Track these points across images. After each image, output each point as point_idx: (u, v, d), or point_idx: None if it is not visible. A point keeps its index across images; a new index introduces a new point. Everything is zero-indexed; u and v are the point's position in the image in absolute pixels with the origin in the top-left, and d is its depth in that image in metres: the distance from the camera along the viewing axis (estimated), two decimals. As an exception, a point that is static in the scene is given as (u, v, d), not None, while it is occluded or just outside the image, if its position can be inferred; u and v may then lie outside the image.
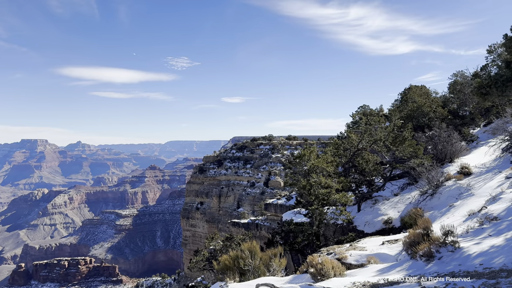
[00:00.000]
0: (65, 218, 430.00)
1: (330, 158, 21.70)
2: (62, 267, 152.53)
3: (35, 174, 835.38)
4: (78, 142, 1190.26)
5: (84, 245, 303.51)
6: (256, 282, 10.66)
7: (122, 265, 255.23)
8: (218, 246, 21.35)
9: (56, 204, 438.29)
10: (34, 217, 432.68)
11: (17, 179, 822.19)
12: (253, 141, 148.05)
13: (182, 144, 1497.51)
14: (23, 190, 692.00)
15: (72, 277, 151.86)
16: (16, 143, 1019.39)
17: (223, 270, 13.00)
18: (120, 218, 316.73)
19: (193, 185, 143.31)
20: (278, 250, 13.51)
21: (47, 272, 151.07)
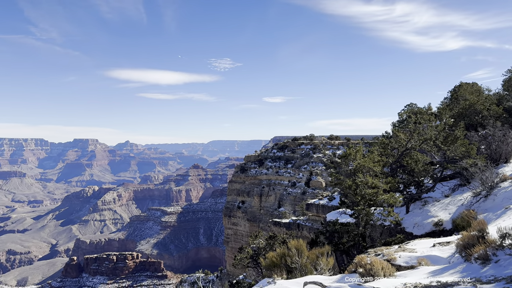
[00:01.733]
0: (114, 214, 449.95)
1: (377, 157, 21.24)
2: (111, 262, 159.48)
3: (87, 172, 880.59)
4: (127, 142, 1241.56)
5: (131, 240, 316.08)
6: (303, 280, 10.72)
7: (167, 261, 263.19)
8: (261, 244, 21.59)
9: (106, 200, 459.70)
10: (85, 213, 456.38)
11: (70, 176, 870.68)
12: (294, 141, 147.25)
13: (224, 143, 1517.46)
14: (75, 187, 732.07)
15: (120, 271, 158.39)
16: (69, 142, 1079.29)
17: (270, 266, 13.16)
18: (165, 215, 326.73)
19: (234, 184, 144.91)
20: (325, 249, 13.49)
21: (97, 266, 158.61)
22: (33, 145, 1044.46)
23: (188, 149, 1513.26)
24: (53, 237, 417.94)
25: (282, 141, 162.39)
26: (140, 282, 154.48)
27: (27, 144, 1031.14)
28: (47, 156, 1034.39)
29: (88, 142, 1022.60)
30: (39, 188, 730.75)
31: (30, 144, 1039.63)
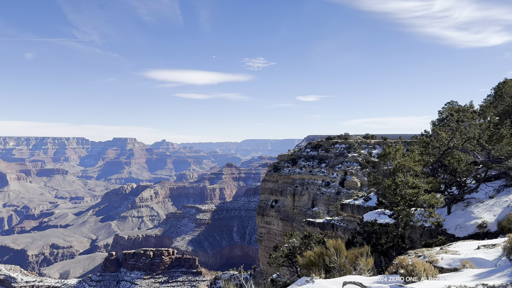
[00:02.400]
0: (151, 211, 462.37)
1: (418, 156, 20.63)
2: (148, 257, 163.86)
3: (125, 169, 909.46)
4: (163, 141, 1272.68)
5: (167, 237, 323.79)
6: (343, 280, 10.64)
7: (201, 258, 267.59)
8: (296, 243, 21.54)
9: (143, 198, 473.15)
10: (123, 210, 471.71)
11: (109, 174, 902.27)
12: (328, 140, 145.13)
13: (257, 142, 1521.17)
14: (114, 184, 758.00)
15: (156, 266, 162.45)
16: (109, 141, 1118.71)
17: (308, 265, 13.14)
18: (200, 213, 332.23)
19: (267, 183, 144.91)
20: (365, 250, 13.30)
21: (134, 261, 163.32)
22: (75, 144, 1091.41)
23: (222, 148, 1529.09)
24: (93, 232, 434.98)
25: (316, 140, 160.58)
26: (175, 278, 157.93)
27: (69, 143, 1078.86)
28: (88, 155, 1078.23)
29: (126, 141, 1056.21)
30: (81, 185, 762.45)
31: (72, 143, 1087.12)
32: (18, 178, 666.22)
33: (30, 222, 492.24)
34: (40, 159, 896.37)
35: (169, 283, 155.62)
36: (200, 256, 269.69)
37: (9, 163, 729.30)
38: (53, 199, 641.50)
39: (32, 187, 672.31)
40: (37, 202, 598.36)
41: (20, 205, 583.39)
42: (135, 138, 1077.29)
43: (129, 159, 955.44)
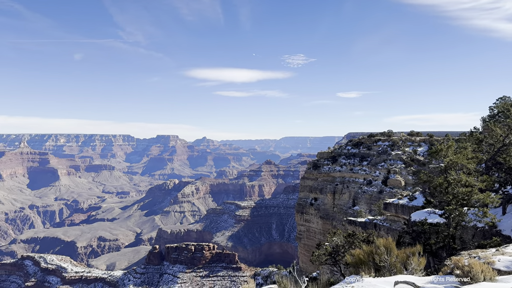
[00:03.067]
0: (192, 207, 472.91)
1: (470, 154, 19.61)
2: (189, 251, 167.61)
3: (168, 166, 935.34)
4: (204, 138, 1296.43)
5: (208, 232, 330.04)
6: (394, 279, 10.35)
7: (241, 254, 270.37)
8: (340, 242, 21.20)
9: (185, 193, 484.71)
10: (166, 204, 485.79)
11: (153, 170, 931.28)
12: (370, 137, 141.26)
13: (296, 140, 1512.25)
14: (158, 180, 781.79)
15: (197, 261, 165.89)
16: (153, 138, 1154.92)
17: (356, 264, 12.92)
18: (239, 209, 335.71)
19: (307, 181, 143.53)
20: (417, 249, 12.87)
21: (176, 255, 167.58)
22: (121, 141, 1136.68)
23: (261, 145, 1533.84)
24: (138, 226, 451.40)
25: (357, 138, 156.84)
26: (216, 273, 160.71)
27: (116, 139, 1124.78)
28: (133, 151, 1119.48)
29: (169, 138, 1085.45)
30: (126, 180, 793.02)
31: (119, 140, 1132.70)
32: (68, 174, 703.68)
33: (79, 215, 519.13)
34: (88, 155, 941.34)
35: (209, 277, 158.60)
36: (240, 252, 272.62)
37: (60, 159, 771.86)
38: (100, 193, 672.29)
39: (81, 182, 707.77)
40: (85, 196, 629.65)
41: (70, 199, 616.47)
42: (177, 136, 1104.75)
43: (171, 156, 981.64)
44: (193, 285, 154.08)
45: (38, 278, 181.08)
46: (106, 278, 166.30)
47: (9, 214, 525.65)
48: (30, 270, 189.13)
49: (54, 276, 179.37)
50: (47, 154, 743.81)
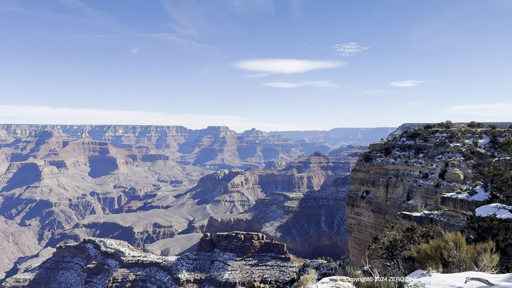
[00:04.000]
0: (242, 197, 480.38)
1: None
2: (239, 240, 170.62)
3: (218, 156, 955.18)
4: (253, 129, 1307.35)
5: (257, 222, 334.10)
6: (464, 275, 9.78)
7: (289, 244, 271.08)
8: (398, 236, 20.49)
9: (235, 183, 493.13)
10: (217, 194, 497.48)
11: (204, 160, 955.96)
12: (427, 128, 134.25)
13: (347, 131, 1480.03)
14: (209, 170, 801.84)
15: (247, 249, 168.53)
16: (204, 129, 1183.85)
17: (422, 259, 12.48)
18: (288, 200, 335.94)
19: (358, 173, 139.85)
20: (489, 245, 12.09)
21: (227, 243, 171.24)
22: (174, 132, 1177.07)
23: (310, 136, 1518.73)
24: (190, 214, 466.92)
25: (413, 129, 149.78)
26: (265, 262, 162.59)
27: (170, 131, 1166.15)
28: (186, 142, 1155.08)
29: (220, 129, 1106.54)
30: (179, 170, 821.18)
31: (172, 131, 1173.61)
32: (126, 163, 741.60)
33: (136, 202, 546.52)
34: (144, 146, 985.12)
35: (258, 266, 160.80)
36: (288, 242, 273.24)
37: (118, 148, 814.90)
38: (155, 182, 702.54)
39: (138, 171, 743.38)
40: (142, 184, 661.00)
41: (128, 186, 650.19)
42: (227, 127, 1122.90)
43: (222, 147, 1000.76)
44: (242, 273, 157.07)
45: (98, 260, 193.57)
46: (161, 263, 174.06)
47: (73, 200, 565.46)
48: (91, 253, 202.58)
49: (113, 259, 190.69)
50: (106, 144, 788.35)
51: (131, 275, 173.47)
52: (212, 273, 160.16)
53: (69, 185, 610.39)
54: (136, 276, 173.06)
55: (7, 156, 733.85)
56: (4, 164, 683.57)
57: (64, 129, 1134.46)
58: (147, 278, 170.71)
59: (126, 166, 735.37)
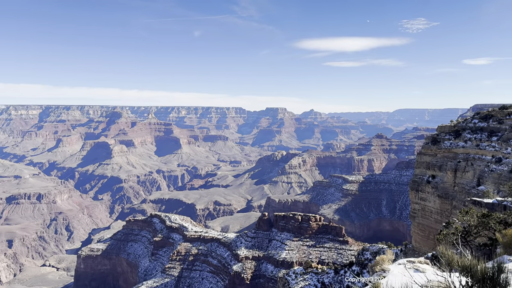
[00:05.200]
0: (299, 178, 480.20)
1: None
2: (296, 221, 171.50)
3: (276, 138, 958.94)
4: (311, 110, 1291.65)
5: (314, 204, 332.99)
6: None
7: (348, 228, 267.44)
8: (473, 222, 19.38)
9: (292, 165, 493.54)
10: (274, 175, 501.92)
11: (262, 141, 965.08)
12: (502, 109, 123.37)
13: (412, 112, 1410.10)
14: (266, 151, 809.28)
15: (304, 230, 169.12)
16: (262, 111, 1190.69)
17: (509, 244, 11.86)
18: (347, 183, 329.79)
19: (424, 157, 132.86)
20: None
21: (284, 223, 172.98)
22: (233, 113, 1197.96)
23: (371, 118, 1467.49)
24: (249, 193, 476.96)
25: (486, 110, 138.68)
26: (322, 244, 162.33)
27: (229, 112, 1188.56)
28: (244, 123, 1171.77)
29: (277, 111, 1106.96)
30: (238, 150, 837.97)
31: (231, 112, 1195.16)
32: (188, 143, 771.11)
33: (198, 180, 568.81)
34: (205, 126, 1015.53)
35: (316, 247, 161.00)
36: (347, 226, 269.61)
37: (181, 129, 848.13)
38: (216, 162, 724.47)
39: (199, 151, 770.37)
40: (203, 164, 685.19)
41: (190, 165, 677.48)
42: (285, 108, 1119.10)
43: (279, 128, 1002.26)
44: (300, 253, 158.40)
45: (164, 234, 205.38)
46: (221, 239, 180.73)
47: (140, 177, 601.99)
48: (157, 227, 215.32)
49: (177, 233, 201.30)
50: (170, 125, 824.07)
51: (194, 249, 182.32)
52: (270, 251, 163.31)
53: (137, 163, 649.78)
54: (198, 251, 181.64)
55: (82, 135, 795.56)
56: (79, 143, 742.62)
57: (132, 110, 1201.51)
58: (208, 253, 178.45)
59: (189, 146, 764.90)
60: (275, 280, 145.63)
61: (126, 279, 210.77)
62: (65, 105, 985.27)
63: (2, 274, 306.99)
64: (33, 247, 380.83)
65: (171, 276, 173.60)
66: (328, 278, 40.90)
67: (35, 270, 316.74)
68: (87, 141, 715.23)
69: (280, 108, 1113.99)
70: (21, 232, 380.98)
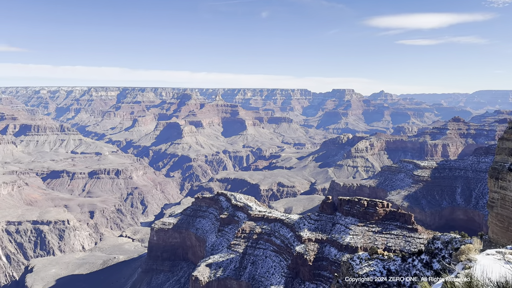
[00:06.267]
0: (366, 162, 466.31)
1: None
2: (362, 206, 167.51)
3: (342, 120, 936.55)
4: (381, 92, 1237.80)
5: (381, 189, 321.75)
6: None
7: (417, 215, 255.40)
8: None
9: (359, 148, 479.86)
10: (339, 158, 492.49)
11: (327, 124, 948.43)
12: None
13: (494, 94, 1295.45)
14: (332, 134, 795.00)
15: (370, 216, 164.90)
16: (328, 92, 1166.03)
17: None
18: (418, 169, 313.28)
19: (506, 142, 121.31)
20: None
21: (349, 207, 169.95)
22: (298, 95, 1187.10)
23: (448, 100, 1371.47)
24: (312, 176, 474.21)
25: None
26: (389, 231, 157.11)
27: (294, 94, 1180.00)
28: (309, 105, 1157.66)
29: (344, 92, 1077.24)
30: (302, 133, 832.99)
31: (296, 94, 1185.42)
32: (253, 124, 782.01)
33: (262, 162, 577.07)
34: (270, 108, 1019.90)
35: (382, 233, 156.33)
36: (416, 213, 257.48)
37: (247, 111, 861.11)
38: (280, 143, 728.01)
39: (264, 132, 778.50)
40: (267, 145, 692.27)
41: (255, 147, 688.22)
42: (353, 89, 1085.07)
43: (346, 110, 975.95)
44: (364, 238, 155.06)
45: (229, 212, 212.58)
46: (284, 219, 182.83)
47: (208, 157, 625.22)
48: (224, 205, 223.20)
49: (241, 212, 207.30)
50: (236, 107, 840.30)
51: (258, 228, 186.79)
52: (333, 235, 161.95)
53: (205, 143, 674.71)
54: (262, 230, 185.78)
55: (155, 115, 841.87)
56: (153, 123, 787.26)
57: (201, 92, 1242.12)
58: (272, 233, 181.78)
59: (254, 127, 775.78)
60: (338, 263, 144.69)
61: (194, 253, 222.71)
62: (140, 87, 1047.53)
63: (85, 242, 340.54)
64: (112, 218, 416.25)
65: (236, 253, 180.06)
66: (394, 265, 39.72)
67: (113, 239, 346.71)
68: (160, 121, 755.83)
69: (347, 90, 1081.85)
70: (101, 205, 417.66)
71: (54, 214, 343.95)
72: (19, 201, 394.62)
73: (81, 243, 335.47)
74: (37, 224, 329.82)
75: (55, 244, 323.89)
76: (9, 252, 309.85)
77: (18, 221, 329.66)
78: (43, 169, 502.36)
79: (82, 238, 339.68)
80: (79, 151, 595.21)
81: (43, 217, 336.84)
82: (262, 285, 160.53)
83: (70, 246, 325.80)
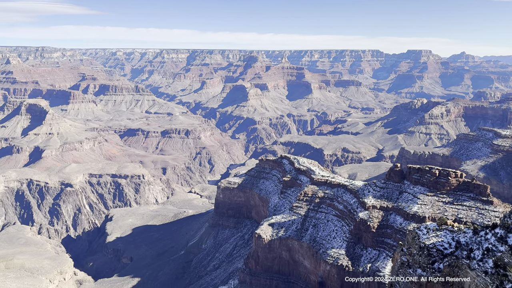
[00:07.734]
0: (440, 129, 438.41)
1: None
2: (433, 175, 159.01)
3: (417, 84, 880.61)
4: (462, 53, 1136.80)
5: (456, 158, 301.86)
6: None
7: (494, 187, 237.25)
8: None
9: (433, 114, 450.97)
10: (411, 124, 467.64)
11: (400, 87, 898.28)
12: None
13: None
14: (404, 98, 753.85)
15: (441, 186, 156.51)
16: (402, 53, 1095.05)
17: None
18: (499, 138, 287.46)
19: None
20: None
21: (418, 176, 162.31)
22: (369, 57, 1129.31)
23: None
24: (380, 142, 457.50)
25: None
26: (461, 202, 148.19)
27: (365, 55, 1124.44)
28: (381, 67, 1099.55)
29: (421, 54, 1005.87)
30: (371, 97, 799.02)
31: (367, 56, 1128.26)
32: (319, 88, 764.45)
33: (327, 126, 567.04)
34: (338, 71, 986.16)
35: (453, 204, 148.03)
36: (493, 185, 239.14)
37: (313, 73, 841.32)
38: (346, 108, 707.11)
39: (330, 96, 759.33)
40: (333, 109, 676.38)
41: (320, 111, 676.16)
42: (430, 51, 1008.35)
43: (421, 73, 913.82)
44: (434, 208, 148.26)
45: (292, 175, 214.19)
46: (348, 185, 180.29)
47: (272, 120, 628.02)
48: (287, 168, 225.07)
49: (304, 176, 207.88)
50: (302, 69, 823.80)
51: (320, 192, 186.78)
52: (400, 203, 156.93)
53: (270, 106, 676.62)
54: (324, 194, 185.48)
55: (222, 78, 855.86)
56: (220, 85, 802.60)
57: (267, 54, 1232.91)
58: (334, 198, 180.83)
59: (319, 91, 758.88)
60: (403, 232, 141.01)
61: (257, 212, 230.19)
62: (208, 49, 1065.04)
63: (158, 196, 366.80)
64: (182, 175, 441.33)
65: (297, 214, 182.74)
66: (465, 237, 37.65)
67: (183, 195, 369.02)
68: (226, 84, 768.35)
69: (424, 51, 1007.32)
70: (172, 162, 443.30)
71: (131, 169, 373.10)
72: (100, 155, 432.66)
73: (155, 197, 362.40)
74: (115, 178, 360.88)
75: (132, 196, 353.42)
76: (92, 201, 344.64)
77: (99, 174, 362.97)
78: (120, 127, 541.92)
79: (155, 192, 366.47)
80: (153, 111, 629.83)
81: (121, 171, 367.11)
82: (323, 247, 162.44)
83: (144, 199, 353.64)
